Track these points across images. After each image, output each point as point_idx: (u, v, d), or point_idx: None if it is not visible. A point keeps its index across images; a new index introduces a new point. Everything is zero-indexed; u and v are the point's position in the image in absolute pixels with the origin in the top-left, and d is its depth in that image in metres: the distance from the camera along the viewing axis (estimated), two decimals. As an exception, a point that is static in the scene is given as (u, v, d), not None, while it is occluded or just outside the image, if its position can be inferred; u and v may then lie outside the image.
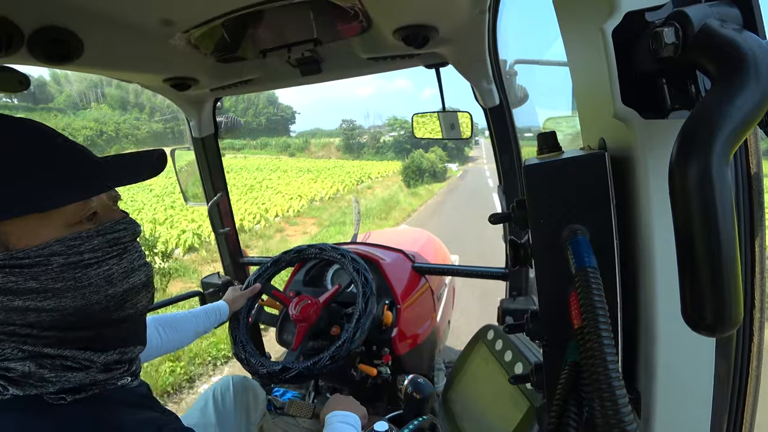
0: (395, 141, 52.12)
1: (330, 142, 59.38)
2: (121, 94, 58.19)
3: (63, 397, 0.47)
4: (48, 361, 0.47)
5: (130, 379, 0.55)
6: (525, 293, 1.48)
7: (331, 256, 1.35)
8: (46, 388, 0.46)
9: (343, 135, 58.61)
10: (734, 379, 0.42)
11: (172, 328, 1.05)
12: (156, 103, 24.83)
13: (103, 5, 0.79)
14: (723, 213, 0.26)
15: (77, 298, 0.48)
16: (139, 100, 27.81)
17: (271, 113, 68.41)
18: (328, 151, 57.37)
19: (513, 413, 0.89)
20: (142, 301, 0.55)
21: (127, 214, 0.56)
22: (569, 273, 0.35)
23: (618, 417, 0.26)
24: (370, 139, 52.98)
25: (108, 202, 0.54)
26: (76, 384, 0.48)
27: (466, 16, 0.94)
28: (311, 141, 59.30)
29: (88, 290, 0.48)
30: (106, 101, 59.18)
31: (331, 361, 1.11)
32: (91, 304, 0.49)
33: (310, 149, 57.33)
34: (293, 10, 0.92)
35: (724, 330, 0.26)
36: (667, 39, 0.30)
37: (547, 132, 0.44)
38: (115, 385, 0.52)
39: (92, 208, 0.51)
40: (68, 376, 0.47)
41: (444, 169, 29.61)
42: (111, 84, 54.06)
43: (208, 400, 1.10)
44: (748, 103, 0.26)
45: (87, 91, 59.79)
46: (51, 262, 0.46)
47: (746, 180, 0.40)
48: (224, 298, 1.27)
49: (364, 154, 54.82)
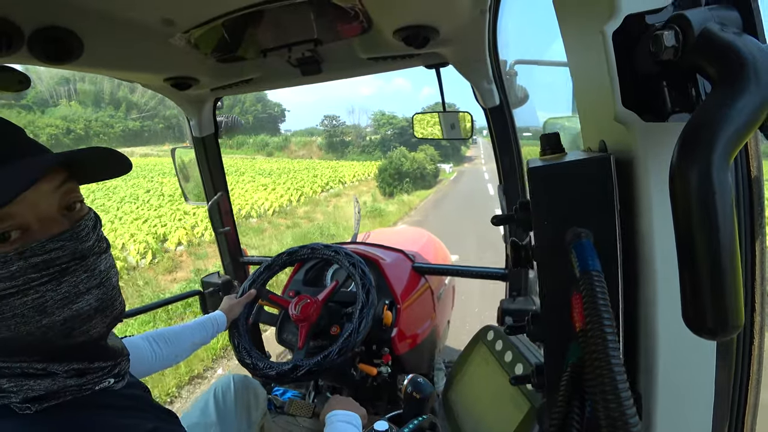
0: (382, 139, 48.19)
1: (311, 141, 54.41)
2: (95, 91, 53.93)
3: (28, 406, 0.42)
4: (6, 367, 0.42)
5: (113, 381, 0.49)
6: (525, 294, 1.49)
7: (324, 254, 1.35)
8: (9, 398, 0.41)
9: (325, 133, 54.16)
10: (735, 382, 0.42)
11: (166, 342, 1.02)
12: (133, 101, 23.64)
13: (103, 5, 0.79)
14: (723, 216, 0.26)
15: (2, 329, 0.41)
16: (115, 97, 26.21)
17: (258, 111, 63.08)
18: (309, 150, 52.91)
19: (513, 414, 0.89)
20: (96, 328, 0.46)
21: (75, 225, 0.46)
22: (572, 275, 0.35)
23: (623, 419, 0.26)
24: (356, 137, 48.15)
25: (51, 210, 0.44)
26: (42, 392, 0.42)
27: (466, 17, 0.94)
28: (291, 140, 54.10)
29: (14, 321, 0.41)
30: (79, 98, 54.97)
31: (339, 355, 1.11)
32: (21, 336, 0.41)
33: (290, 148, 53.19)
34: (294, 10, 0.92)
35: (725, 333, 0.26)
36: (667, 42, 0.30)
37: (551, 133, 0.44)
38: (93, 390, 0.47)
39: (6, 225, 0.41)
40: (30, 384, 0.42)
41: (435, 171, 26.52)
42: (84, 80, 50.95)
43: (209, 400, 1.10)
44: (749, 106, 0.26)
45: (58, 88, 55.64)
46: None
47: (747, 183, 0.40)
48: (220, 308, 1.26)
49: (348, 153, 50.95)
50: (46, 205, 0.43)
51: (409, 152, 25.11)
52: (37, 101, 42.12)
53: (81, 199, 0.48)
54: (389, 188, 19.83)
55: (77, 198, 0.47)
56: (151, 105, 13.91)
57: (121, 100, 29.37)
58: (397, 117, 49.57)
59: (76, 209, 0.47)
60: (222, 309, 1.26)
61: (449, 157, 41.51)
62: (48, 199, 0.44)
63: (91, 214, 0.49)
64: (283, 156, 49.00)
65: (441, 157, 36.25)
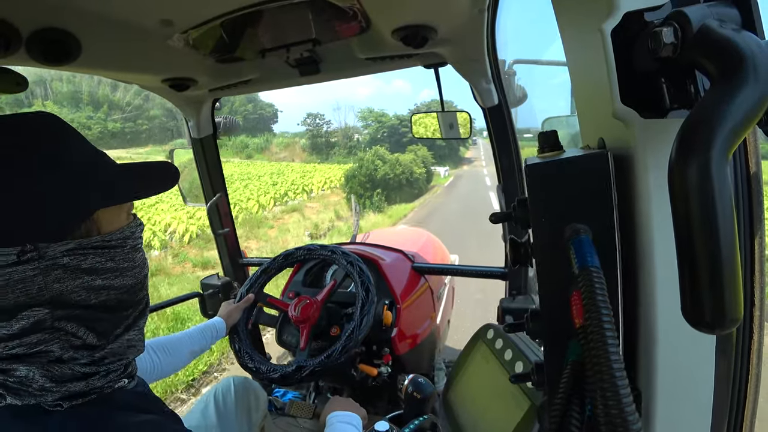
0: (372, 139, 40.90)
1: (294, 142, 48.90)
2: (72, 91, 51.04)
3: (60, 404, 0.47)
4: (57, 368, 0.48)
5: (127, 381, 0.56)
6: (524, 292, 1.49)
7: (321, 254, 1.35)
8: (45, 398, 0.46)
9: (308, 133, 48.68)
10: (735, 378, 0.43)
11: (165, 352, 1.02)
12: (114, 101, 22.58)
13: (101, 6, 0.78)
14: (722, 211, 0.26)
15: (132, 276, 0.54)
16: (95, 97, 24.82)
17: (249, 111, 58.12)
18: (292, 152, 47.30)
19: (514, 412, 0.89)
20: (146, 294, 0.60)
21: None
22: (571, 272, 0.35)
23: (622, 416, 0.26)
24: (342, 138, 41.70)
25: (133, 207, 0.60)
26: (74, 392, 0.49)
27: (465, 16, 0.95)
28: (273, 141, 48.49)
29: (137, 270, 0.55)
30: (54, 98, 51.68)
31: (342, 353, 1.11)
32: (137, 282, 0.55)
33: (271, 150, 47.42)
34: (292, 11, 0.92)
35: (723, 327, 0.26)
36: (666, 39, 0.31)
37: (548, 131, 0.45)
38: (113, 388, 0.53)
39: (134, 205, 0.59)
40: (69, 386, 0.48)
41: (426, 175, 22.10)
42: (61, 79, 48.49)
43: (209, 402, 1.10)
44: (747, 101, 0.26)
45: (33, 88, 52.08)
46: (126, 244, 0.54)
47: (746, 178, 0.40)
48: (219, 314, 1.26)
49: (334, 155, 45.48)
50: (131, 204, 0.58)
51: (392, 154, 21.16)
52: (10, 102, 41.06)
53: None
54: (360, 200, 15.14)
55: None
56: (135, 105, 13.47)
57: (102, 100, 27.44)
58: (387, 115, 43.69)
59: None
60: (221, 315, 1.25)
61: (445, 159, 38.75)
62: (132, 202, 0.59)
63: None
64: (263, 158, 43.77)
65: (435, 158, 32.88)
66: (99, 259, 0.50)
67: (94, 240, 0.50)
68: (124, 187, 0.54)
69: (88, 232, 0.50)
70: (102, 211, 0.51)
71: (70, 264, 0.47)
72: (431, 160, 28.31)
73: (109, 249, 0.51)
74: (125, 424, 0.50)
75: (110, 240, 0.51)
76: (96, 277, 0.50)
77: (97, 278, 0.50)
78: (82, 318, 0.49)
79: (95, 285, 0.50)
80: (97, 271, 0.50)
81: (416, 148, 25.79)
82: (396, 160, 19.92)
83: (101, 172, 0.52)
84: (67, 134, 0.51)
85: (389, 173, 18.09)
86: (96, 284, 0.50)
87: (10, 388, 0.45)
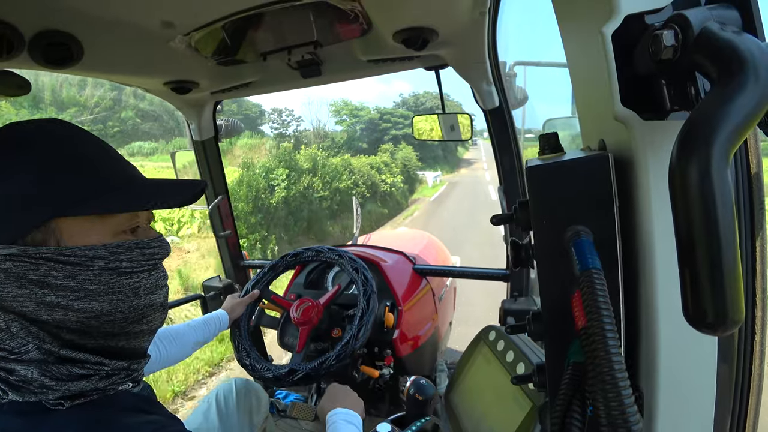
0: (348, 137, 30.50)
1: (260, 144, 47.36)
2: (33, 90, 50.93)
3: (61, 402, 0.47)
4: (54, 367, 0.47)
5: (131, 385, 0.55)
6: (526, 294, 1.49)
7: (328, 257, 1.35)
8: (46, 395, 0.46)
9: (275, 133, 42.57)
10: (737, 379, 0.43)
11: (171, 341, 1.04)
12: (80, 101, 21.86)
13: (103, 9, 0.79)
14: (723, 212, 0.26)
15: (105, 303, 0.49)
16: (58, 98, 23.78)
17: (233, 112, 58.46)
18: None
19: (515, 413, 0.89)
20: (156, 321, 0.56)
21: (161, 234, 0.58)
22: (572, 274, 0.35)
23: (624, 417, 0.26)
24: (314, 137, 31.35)
25: (146, 220, 0.57)
26: (76, 392, 0.48)
27: (466, 18, 0.95)
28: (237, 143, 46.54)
29: (117, 297, 0.50)
30: (9, 99, 52.83)
31: (337, 360, 1.11)
32: (115, 312, 0.50)
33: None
34: (293, 13, 0.93)
35: (725, 328, 0.26)
36: (666, 42, 0.31)
37: (549, 133, 0.45)
38: (116, 390, 0.52)
39: (137, 222, 0.54)
40: (69, 386, 0.47)
41: (408, 185, 15.88)
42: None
43: (211, 404, 1.10)
44: (748, 103, 0.26)
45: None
46: (93, 264, 0.48)
47: (747, 180, 0.40)
48: (223, 307, 1.27)
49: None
50: (148, 215, 0.56)
51: (350, 155, 14.60)
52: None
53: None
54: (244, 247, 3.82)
55: (153, 215, 0.59)
56: (107, 105, 12.88)
57: (67, 101, 25.91)
58: (366, 108, 33.45)
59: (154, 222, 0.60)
60: (225, 308, 1.26)
61: (438, 161, 31.14)
62: (148, 213, 0.57)
63: None
64: (226, 162, 40.14)
65: (424, 161, 26.35)
66: (54, 273, 0.46)
67: (43, 250, 0.46)
68: (104, 201, 0.49)
69: (43, 241, 0.47)
70: (65, 222, 0.47)
71: (12, 270, 0.45)
72: (416, 164, 22.12)
73: (66, 264, 0.47)
74: (126, 424, 0.49)
75: (69, 255, 0.47)
76: (49, 292, 0.46)
77: (50, 293, 0.46)
78: (47, 332, 0.47)
79: (47, 301, 0.46)
80: (49, 285, 0.46)
81: (390, 148, 20.60)
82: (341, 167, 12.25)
83: (79, 182, 0.48)
84: (48, 140, 0.48)
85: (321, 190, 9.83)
86: (48, 300, 0.46)
87: (13, 385, 0.45)
